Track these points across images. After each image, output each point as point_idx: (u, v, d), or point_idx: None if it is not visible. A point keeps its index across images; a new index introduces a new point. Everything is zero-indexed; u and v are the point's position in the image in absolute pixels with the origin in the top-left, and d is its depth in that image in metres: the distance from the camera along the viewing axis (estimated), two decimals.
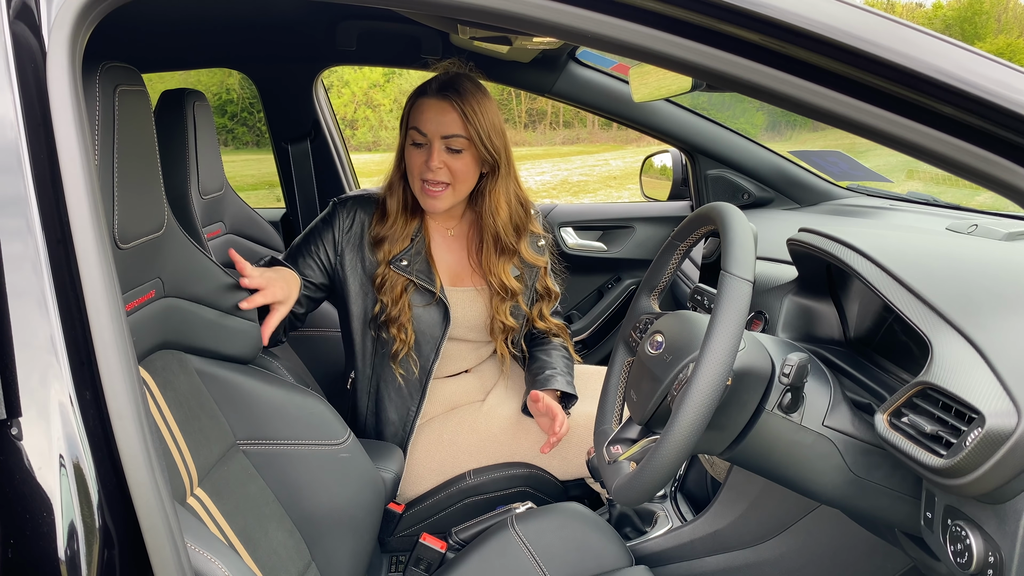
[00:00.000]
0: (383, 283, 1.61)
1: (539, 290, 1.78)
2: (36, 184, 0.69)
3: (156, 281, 1.05)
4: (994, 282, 1.01)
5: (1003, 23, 41.05)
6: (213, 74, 9.19)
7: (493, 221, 1.64)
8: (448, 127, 1.53)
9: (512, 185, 1.66)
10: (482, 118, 1.54)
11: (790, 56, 0.76)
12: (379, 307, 1.62)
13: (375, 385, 1.67)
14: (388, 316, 1.61)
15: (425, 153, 1.55)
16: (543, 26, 0.77)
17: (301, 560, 1.23)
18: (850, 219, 2.02)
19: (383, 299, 1.61)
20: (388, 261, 1.61)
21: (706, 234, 1.15)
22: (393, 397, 1.67)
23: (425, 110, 1.55)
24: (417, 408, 1.67)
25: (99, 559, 0.70)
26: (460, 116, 1.53)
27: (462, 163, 1.56)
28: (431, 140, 1.54)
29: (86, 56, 0.77)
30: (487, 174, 1.63)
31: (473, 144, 1.55)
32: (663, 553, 1.52)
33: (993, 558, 0.81)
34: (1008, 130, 0.75)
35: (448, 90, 1.54)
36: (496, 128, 1.58)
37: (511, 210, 1.65)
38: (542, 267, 1.76)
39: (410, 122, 1.57)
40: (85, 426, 0.69)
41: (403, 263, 1.61)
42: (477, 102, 1.55)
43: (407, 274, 1.61)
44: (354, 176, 2.71)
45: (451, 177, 1.56)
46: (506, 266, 1.68)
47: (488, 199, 1.64)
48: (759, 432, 1.03)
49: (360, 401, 1.69)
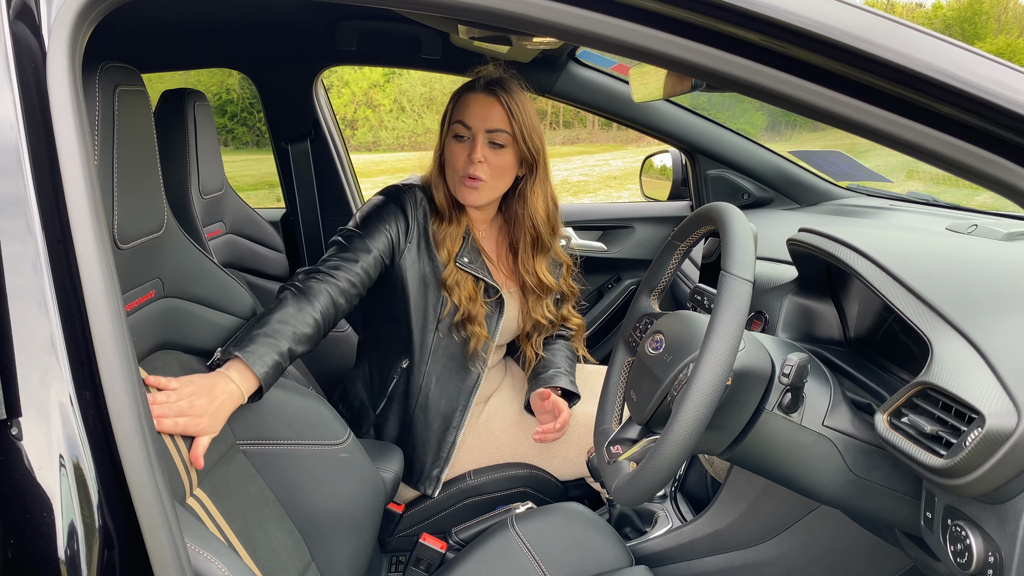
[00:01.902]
0: (455, 283, 1.60)
1: (564, 289, 1.80)
2: (36, 184, 0.69)
3: (156, 281, 1.05)
4: (994, 282, 1.01)
5: (1003, 23, 41.04)
6: (213, 74, 9.20)
7: (531, 221, 1.66)
8: (493, 121, 1.55)
9: (548, 187, 1.68)
10: (526, 116, 1.58)
11: (790, 56, 0.76)
12: (448, 307, 1.61)
13: (429, 380, 1.65)
14: (466, 315, 1.60)
15: (468, 147, 1.56)
16: (543, 26, 0.77)
17: (301, 560, 1.23)
18: (850, 219, 2.02)
19: (454, 299, 1.60)
20: (454, 260, 1.60)
21: (706, 234, 1.15)
22: (447, 391, 1.66)
23: (470, 104, 1.57)
24: (467, 403, 1.67)
25: (99, 559, 0.70)
26: (505, 111, 1.55)
27: (503, 159, 1.57)
28: (475, 133, 1.56)
29: (86, 56, 0.77)
30: (523, 177, 1.65)
31: (515, 141, 1.57)
32: (663, 553, 1.52)
33: (993, 558, 0.81)
34: (1008, 130, 0.75)
35: (495, 86, 1.57)
36: (537, 129, 1.60)
37: (548, 210, 1.68)
38: (566, 266, 1.78)
39: (453, 116, 1.59)
40: (85, 426, 0.69)
41: (466, 260, 1.62)
42: (522, 101, 1.58)
43: (473, 271, 1.62)
44: (354, 176, 2.70)
45: (490, 173, 1.57)
46: (542, 263, 1.70)
47: (528, 199, 1.65)
48: (759, 432, 1.03)
49: (412, 394, 1.66)
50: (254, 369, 1.18)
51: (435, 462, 1.67)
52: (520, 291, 1.73)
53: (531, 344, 1.76)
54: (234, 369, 1.18)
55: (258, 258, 2.38)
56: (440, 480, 1.66)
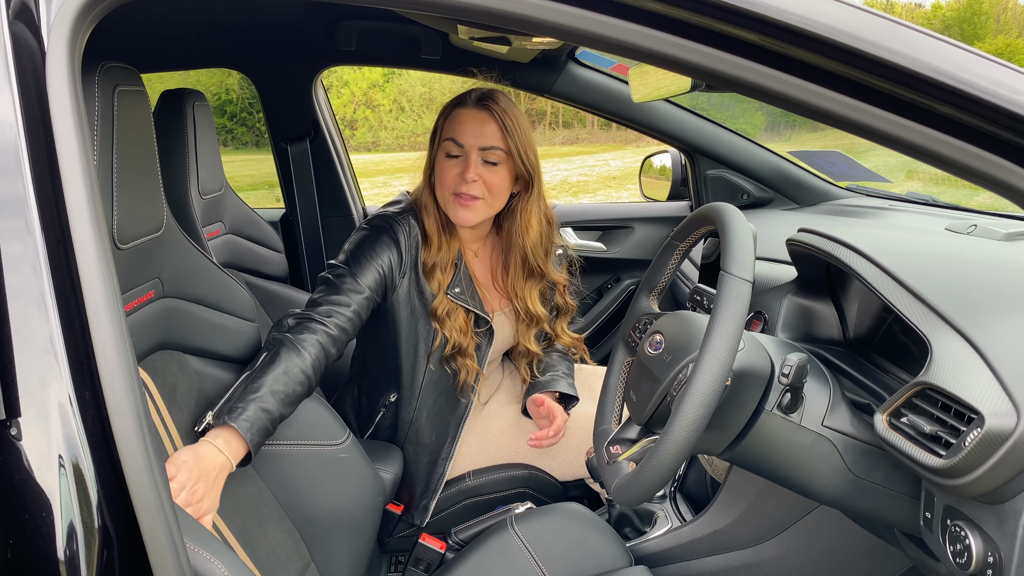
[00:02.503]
0: (445, 315, 1.53)
1: (559, 304, 1.74)
2: (36, 184, 0.69)
3: (155, 281, 1.05)
4: (993, 282, 1.01)
5: (1002, 23, 41.07)
6: (213, 74, 9.20)
7: (523, 241, 1.60)
8: (487, 138, 1.49)
9: (542, 203, 1.62)
10: (521, 132, 1.51)
11: (790, 56, 0.76)
12: (439, 340, 1.55)
13: (418, 413, 1.62)
14: (458, 347, 1.55)
15: (460, 165, 1.50)
16: (543, 26, 0.77)
17: (300, 560, 1.23)
18: (849, 219, 2.02)
19: (445, 331, 1.54)
20: (444, 291, 1.54)
21: (705, 234, 1.15)
22: (436, 424, 1.63)
23: (463, 120, 1.50)
24: (456, 434, 1.64)
25: (98, 559, 0.70)
26: (500, 128, 1.49)
27: (498, 177, 1.51)
28: (468, 152, 1.49)
29: (86, 56, 0.77)
30: (518, 193, 1.59)
31: (511, 158, 1.51)
32: (663, 553, 1.52)
33: (992, 558, 0.81)
34: (1007, 130, 0.75)
35: (488, 100, 1.51)
36: (532, 144, 1.54)
37: (540, 229, 1.62)
38: (561, 284, 1.72)
39: (444, 133, 1.52)
40: (84, 427, 0.69)
41: (457, 291, 1.55)
42: (517, 115, 1.52)
43: (463, 303, 1.56)
44: (354, 176, 2.70)
45: (485, 192, 1.51)
46: (533, 291, 1.65)
47: (519, 218, 1.59)
48: (758, 432, 1.03)
49: (400, 427, 1.63)
50: (246, 438, 1.14)
51: (424, 493, 1.65)
52: (513, 311, 1.69)
53: (524, 366, 1.73)
54: (221, 438, 1.12)
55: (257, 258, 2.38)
56: (429, 509, 1.65)
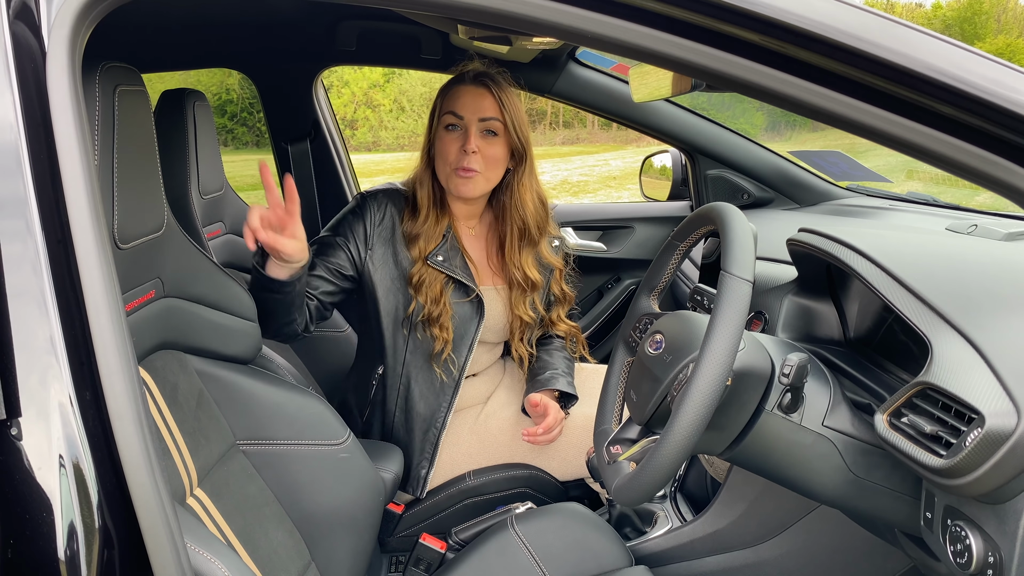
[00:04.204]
0: (421, 281, 1.60)
1: (555, 293, 1.79)
2: (36, 184, 0.69)
3: (156, 281, 1.05)
4: (994, 282, 1.01)
5: (1003, 23, 41.06)
6: (213, 74, 9.19)
7: (520, 213, 1.67)
8: (486, 110, 1.58)
9: (535, 182, 1.70)
10: (515, 107, 1.61)
11: (790, 56, 0.76)
12: (414, 306, 1.61)
13: (405, 382, 1.66)
14: (428, 315, 1.60)
15: (460, 137, 1.58)
16: (543, 26, 0.77)
17: (301, 560, 1.23)
18: (850, 219, 2.02)
19: (420, 298, 1.60)
20: (424, 258, 1.61)
21: (706, 234, 1.15)
22: (425, 393, 1.66)
23: (461, 95, 1.59)
24: (449, 404, 1.67)
25: (99, 559, 0.70)
26: (496, 101, 1.59)
27: (495, 149, 1.59)
28: (468, 124, 1.58)
29: (86, 56, 0.77)
30: (512, 169, 1.67)
31: (507, 130, 1.60)
32: (663, 553, 1.52)
33: (993, 558, 0.81)
34: (1007, 130, 0.75)
35: (484, 78, 1.60)
36: (525, 121, 1.64)
37: (535, 202, 1.69)
38: (557, 270, 1.78)
39: (444, 108, 1.60)
40: (85, 427, 0.69)
41: (439, 259, 1.62)
42: (510, 92, 1.62)
43: (446, 270, 1.62)
44: (354, 176, 2.70)
45: (483, 165, 1.58)
46: (528, 258, 1.71)
47: (515, 191, 1.67)
48: (759, 432, 1.03)
49: (389, 398, 1.67)
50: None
51: (419, 463, 1.67)
52: (507, 288, 1.73)
53: (518, 341, 1.75)
54: None
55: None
56: (427, 481, 1.66)
